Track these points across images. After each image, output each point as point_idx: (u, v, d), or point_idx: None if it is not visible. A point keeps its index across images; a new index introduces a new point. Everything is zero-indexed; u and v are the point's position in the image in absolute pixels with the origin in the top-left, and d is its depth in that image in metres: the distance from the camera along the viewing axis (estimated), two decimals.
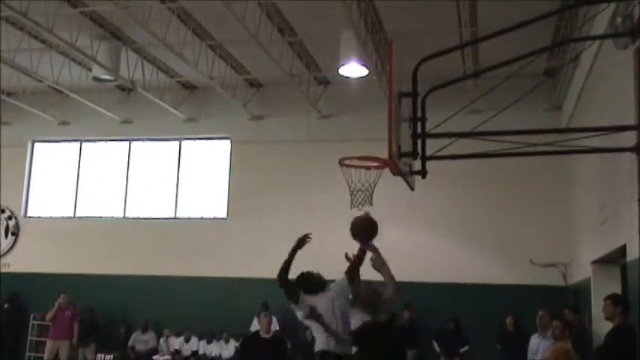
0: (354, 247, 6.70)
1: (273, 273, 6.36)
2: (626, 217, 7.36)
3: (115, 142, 16.67)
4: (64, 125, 16.47)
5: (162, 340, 14.43)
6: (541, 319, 8.90)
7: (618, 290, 8.77)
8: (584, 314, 10.20)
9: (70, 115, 16.16)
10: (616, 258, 8.92)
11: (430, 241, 14.12)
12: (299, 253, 6.19)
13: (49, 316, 13.01)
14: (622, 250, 7.86)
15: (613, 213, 8.45)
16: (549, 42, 11.31)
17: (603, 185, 9.31)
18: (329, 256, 14.07)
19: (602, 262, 9.74)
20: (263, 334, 6.68)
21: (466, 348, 12.88)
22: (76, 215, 16.41)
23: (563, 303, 11.45)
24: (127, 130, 16.31)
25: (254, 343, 6.50)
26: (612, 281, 9.50)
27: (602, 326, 7.43)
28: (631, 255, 7.37)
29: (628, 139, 7.08)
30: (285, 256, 6.05)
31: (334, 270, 15.11)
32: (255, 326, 13.63)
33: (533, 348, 8.83)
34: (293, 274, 6.21)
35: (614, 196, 8.39)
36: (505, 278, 13.38)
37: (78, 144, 16.83)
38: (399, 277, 5.87)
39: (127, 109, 16.12)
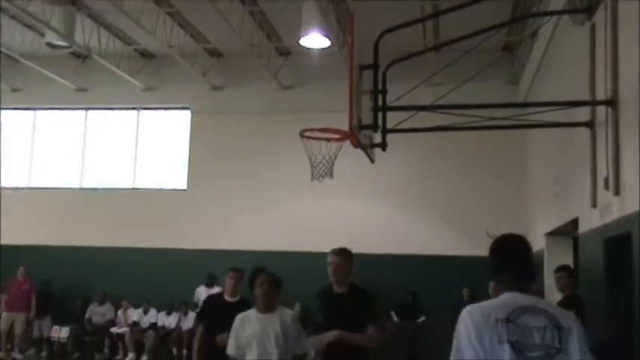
0: (312, 216, 6.74)
1: (232, 244, 6.36)
2: (579, 191, 7.55)
3: (71, 110, 16.32)
4: (16, 92, 16.03)
5: (119, 312, 14.33)
6: (493, 289, 9.10)
7: (570, 261, 9.03)
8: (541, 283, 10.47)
9: (23, 82, 15.73)
10: (568, 230, 9.16)
11: (389, 213, 14.28)
12: (263, 223, 6.18)
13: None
14: (574, 223, 8.07)
15: (566, 187, 8.65)
16: (508, 17, 11.41)
17: (557, 159, 9.51)
18: (290, 226, 14.23)
19: (555, 234, 10.00)
20: (228, 298, 6.42)
21: (423, 318, 13.15)
22: (31, 185, 16.08)
23: None
24: (83, 98, 15.96)
25: (219, 306, 6.22)
26: (564, 253, 9.78)
27: (552, 295, 7.64)
28: (582, 227, 7.58)
29: (582, 114, 7.23)
30: (247, 226, 6.01)
31: (295, 240, 15.24)
32: (197, 298, 13.58)
33: None
34: (263, 246, 6.18)
35: (567, 170, 8.59)
36: (462, 250, 13.62)
37: (31, 112, 16.43)
38: (360, 249, 5.90)
39: (82, 77, 15.75)
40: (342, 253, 5.06)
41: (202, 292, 13.31)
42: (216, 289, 13.59)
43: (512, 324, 2.54)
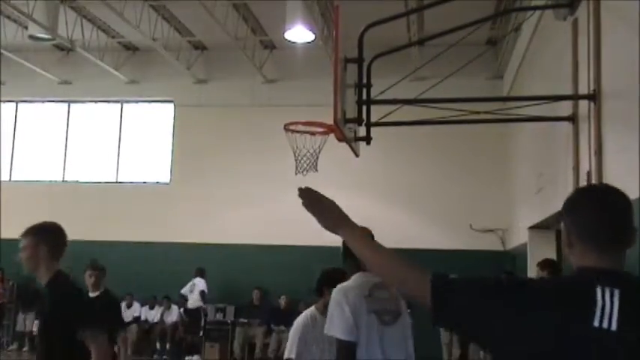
0: (296, 210, 6.75)
1: (215, 238, 6.34)
2: (562, 185, 7.61)
3: (54, 103, 16.18)
4: None
5: None
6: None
7: (553, 255, 9.10)
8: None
9: (5, 74, 15.56)
10: (551, 224, 9.23)
11: (373, 207, 14.29)
12: (246, 216, 6.15)
13: None
14: (557, 217, 8.13)
15: (550, 181, 8.71)
16: (492, 11, 11.46)
17: (541, 154, 9.58)
18: (274, 220, 14.21)
19: (538, 227, 10.07)
20: (91, 293, 6.42)
21: (408, 311, 13.19)
22: (12, 179, 15.93)
23: (503, 267, 11.84)
24: (66, 91, 15.84)
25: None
26: (547, 246, 9.85)
27: None
28: None
29: (565, 108, 7.28)
30: (231, 220, 5.98)
31: (279, 233, 15.21)
32: (186, 290, 13.67)
33: None
34: (247, 240, 6.18)
35: (551, 165, 8.65)
36: (446, 243, 13.70)
37: (13, 105, 16.27)
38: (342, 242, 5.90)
39: (65, 70, 15.63)
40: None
41: (201, 283, 13.55)
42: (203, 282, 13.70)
43: (372, 297, 3.46)
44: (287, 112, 11.26)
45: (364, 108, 6.69)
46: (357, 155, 7.17)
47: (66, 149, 15.97)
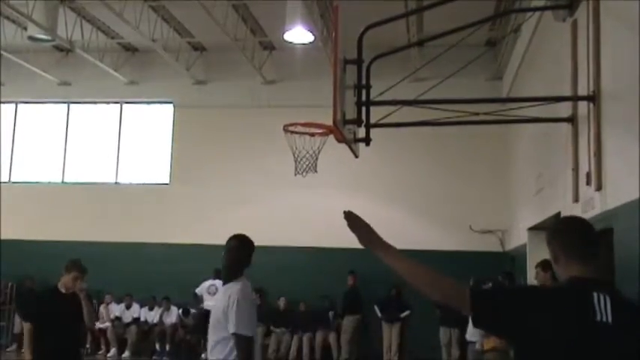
0: (296, 211, 6.75)
1: (214, 239, 6.34)
2: (561, 186, 7.61)
3: (53, 104, 16.18)
4: None
5: (102, 307, 14.25)
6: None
7: None
8: (519, 279, 10.55)
9: (5, 75, 15.56)
10: (551, 225, 9.22)
11: (373, 208, 14.26)
12: (246, 217, 6.16)
13: None
14: (556, 218, 8.13)
15: (549, 182, 8.71)
16: (491, 13, 11.46)
17: (540, 155, 9.58)
18: (274, 221, 14.21)
19: (537, 228, 10.07)
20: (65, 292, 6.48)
21: (407, 313, 13.19)
22: (12, 180, 15.92)
23: (503, 268, 11.82)
24: (66, 92, 15.83)
25: (52, 298, 6.30)
26: (546, 247, 9.83)
27: None
28: None
29: (564, 109, 7.29)
30: (230, 221, 6.00)
31: (279, 234, 15.20)
32: (200, 290, 13.66)
33: None
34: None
35: (550, 166, 8.65)
36: (445, 244, 13.69)
37: (13, 105, 16.26)
38: (344, 243, 5.92)
39: (65, 71, 15.62)
40: None
41: (219, 284, 13.52)
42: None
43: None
44: (286, 113, 11.26)
45: (363, 109, 6.69)
46: (356, 156, 7.17)
47: (65, 150, 15.95)
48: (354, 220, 2.71)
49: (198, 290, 13.72)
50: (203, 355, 13.39)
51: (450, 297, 2.41)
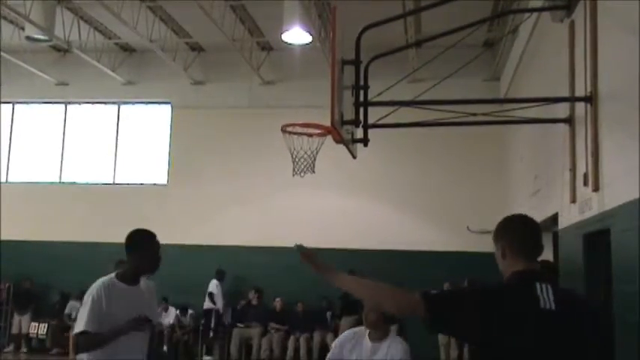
0: (293, 212, 6.75)
1: (213, 240, 6.33)
2: (559, 187, 7.62)
3: (51, 104, 16.16)
4: None
5: None
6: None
7: (550, 256, 9.11)
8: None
9: (2, 75, 15.53)
10: (548, 226, 9.23)
11: (371, 208, 14.31)
12: (243, 218, 6.14)
13: None
14: (554, 219, 8.14)
15: (546, 182, 8.72)
16: (489, 13, 11.47)
17: (538, 155, 9.59)
18: (272, 221, 14.21)
19: None
20: None
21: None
22: (9, 180, 15.91)
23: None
24: (63, 92, 15.82)
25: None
26: (544, 248, 9.85)
27: None
28: (562, 223, 7.65)
29: (562, 110, 7.30)
30: (228, 222, 5.97)
31: (276, 235, 15.18)
32: (212, 287, 13.69)
33: None
34: (244, 242, 6.16)
35: (547, 166, 8.66)
36: (443, 245, 13.69)
37: (10, 106, 16.24)
38: (341, 244, 5.93)
39: (62, 71, 15.61)
40: None
41: (214, 286, 13.65)
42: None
43: None
44: (284, 113, 11.29)
45: (361, 110, 6.69)
46: (354, 157, 7.17)
47: (63, 150, 15.94)
48: (306, 255, 2.87)
49: (210, 289, 13.80)
50: (206, 358, 13.43)
51: (404, 306, 2.55)
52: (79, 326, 4.01)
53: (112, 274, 4.30)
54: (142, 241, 4.34)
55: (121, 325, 3.96)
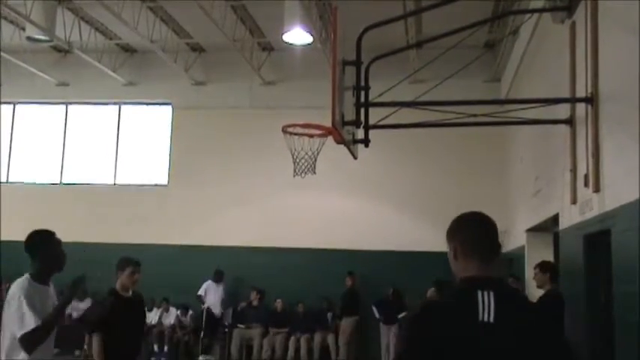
0: (294, 212, 6.75)
1: (213, 240, 6.33)
2: (559, 188, 7.62)
3: (51, 105, 16.17)
4: None
5: None
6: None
7: (550, 257, 9.12)
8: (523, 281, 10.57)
9: (3, 76, 15.54)
10: (549, 226, 9.24)
11: (372, 209, 14.31)
12: (244, 219, 6.14)
13: None
14: (554, 219, 8.15)
15: (547, 183, 8.72)
16: (490, 14, 11.47)
17: (538, 156, 9.59)
18: (272, 222, 14.21)
19: (535, 230, 10.08)
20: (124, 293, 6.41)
21: (404, 314, 13.18)
22: (9, 180, 15.91)
23: (501, 270, 11.81)
24: (64, 92, 15.83)
25: (117, 304, 6.22)
26: (545, 248, 9.86)
27: (535, 292, 7.72)
28: (563, 224, 7.65)
29: (562, 111, 7.30)
30: (229, 222, 5.98)
31: (277, 236, 15.19)
32: (203, 290, 13.69)
33: None
34: (245, 242, 6.17)
35: (548, 167, 8.66)
36: (443, 246, 13.49)
37: (11, 106, 16.25)
38: (342, 244, 5.94)
39: (63, 71, 15.62)
40: None
41: (211, 287, 13.60)
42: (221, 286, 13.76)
43: None
44: (285, 114, 11.28)
45: (362, 110, 6.70)
46: (355, 157, 7.18)
47: (64, 151, 15.95)
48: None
49: (200, 292, 13.78)
50: (201, 357, 13.41)
51: None
52: (29, 324, 4.02)
53: (26, 275, 4.33)
54: (41, 242, 4.35)
55: (62, 298, 4.20)
